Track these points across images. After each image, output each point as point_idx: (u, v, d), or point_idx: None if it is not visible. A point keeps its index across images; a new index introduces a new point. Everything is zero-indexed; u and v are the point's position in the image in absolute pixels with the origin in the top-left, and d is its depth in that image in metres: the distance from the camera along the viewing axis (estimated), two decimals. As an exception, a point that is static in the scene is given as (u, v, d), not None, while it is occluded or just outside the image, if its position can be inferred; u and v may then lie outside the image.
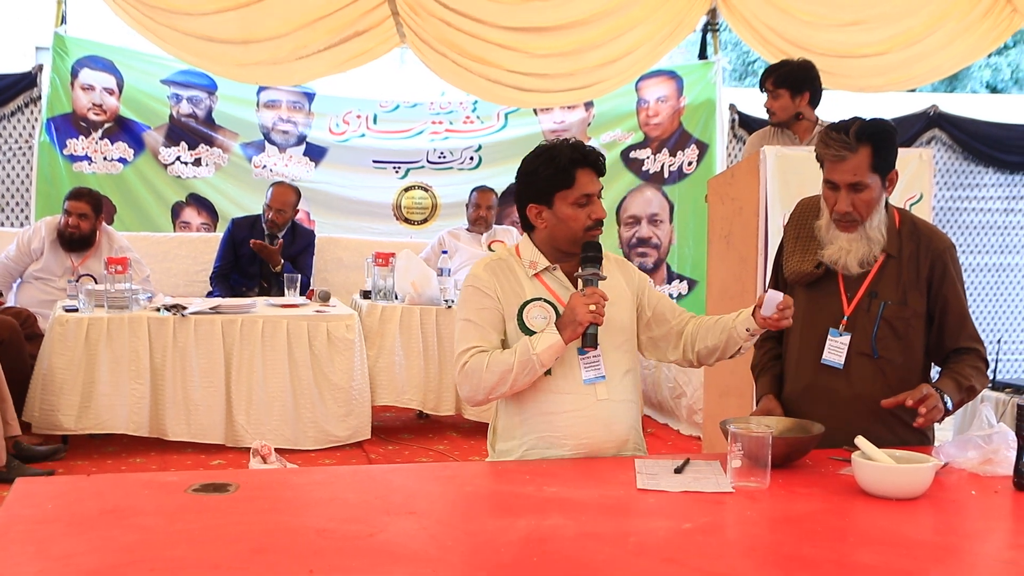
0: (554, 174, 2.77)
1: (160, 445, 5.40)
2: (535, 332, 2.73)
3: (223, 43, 7.13)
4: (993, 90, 18.98)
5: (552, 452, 2.75)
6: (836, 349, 2.88)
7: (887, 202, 2.90)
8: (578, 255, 2.78)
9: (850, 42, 7.61)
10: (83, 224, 6.05)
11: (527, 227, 2.90)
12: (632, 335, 2.90)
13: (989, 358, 3.00)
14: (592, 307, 2.64)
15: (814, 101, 4.88)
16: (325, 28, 7.19)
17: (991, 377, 5.61)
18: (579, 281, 2.75)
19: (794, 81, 4.84)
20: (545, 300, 2.78)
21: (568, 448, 2.74)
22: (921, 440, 2.91)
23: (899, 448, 2.50)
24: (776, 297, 2.68)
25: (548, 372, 2.74)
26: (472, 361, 2.74)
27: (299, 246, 6.78)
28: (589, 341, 2.68)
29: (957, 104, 9.11)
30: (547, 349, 2.67)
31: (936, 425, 2.86)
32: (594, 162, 2.80)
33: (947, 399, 2.76)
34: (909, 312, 2.88)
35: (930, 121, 8.05)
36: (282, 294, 6.20)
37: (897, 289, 2.88)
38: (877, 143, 2.77)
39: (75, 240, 6.06)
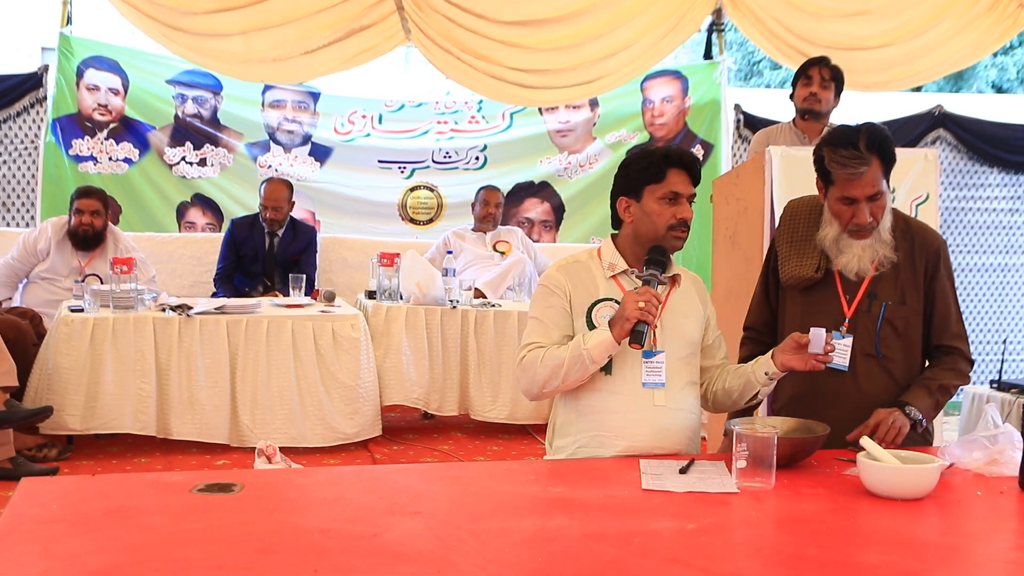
0: (646, 167, 2.81)
1: (165, 445, 5.41)
2: None
3: (226, 38, 7.13)
4: (999, 90, 18.94)
5: (602, 452, 2.76)
6: (840, 352, 2.89)
7: None
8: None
9: (854, 34, 7.61)
10: (96, 221, 6.05)
11: (615, 224, 2.92)
12: (698, 350, 2.92)
13: (994, 358, 3.00)
14: (641, 304, 2.64)
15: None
16: (329, 21, 7.19)
17: (997, 377, 5.62)
18: (641, 282, 2.77)
19: (840, 82, 4.89)
20: (616, 301, 2.79)
21: (619, 449, 2.75)
22: (925, 439, 2.92)
23: (907, 448, 2.50)
24: (822, 334, 2.66)
25: (608, 371, 2.76)
26: (529, 355, 2.78)
27: (300, 244, 6.78)
28: (636, 339, 2.66)
29: (962, 104, 9.09)
30: (597, 344, 2.68)
31: (943, 424, 2.87)
32: (689, 165, 2.81)
33: (911, 411, 2.79)
34: (908, 311, 2.90)
35: (935, 121, 8.04)
36: (287, 294, 6.21)
37: (896, 289, 2.90)
38: (883, 150, 2.79)
39: (89, 238, 6.05)
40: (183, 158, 7.56)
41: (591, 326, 2.78)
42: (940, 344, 2.95)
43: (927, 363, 2.98)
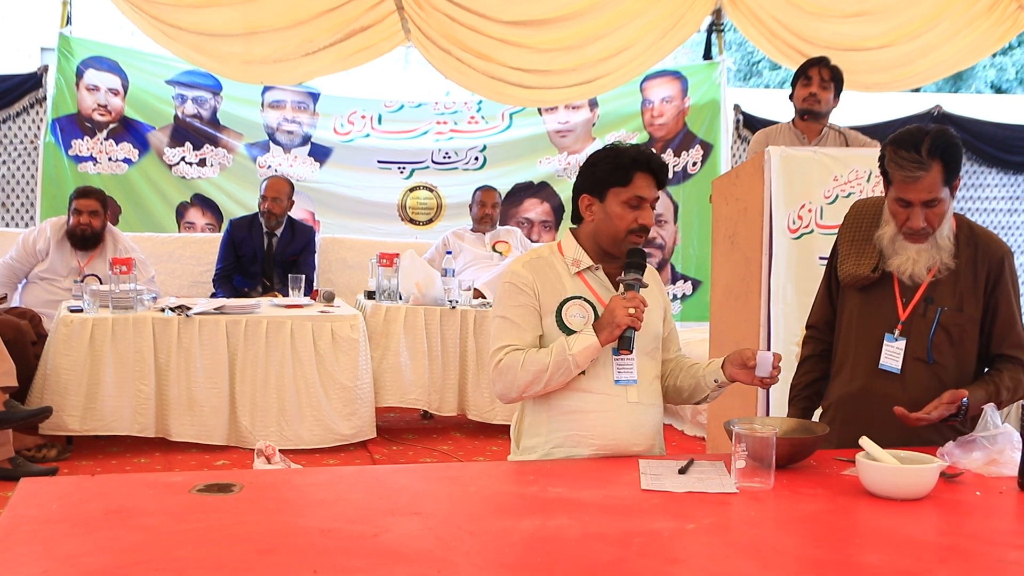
0: (614, 169, 2.79)
1: (164, 445, 5.40)
2: (573, 330, 2.73)
3: (227, 38, 7.15)
4: (998, 90, 18.94)
5: (578, 451, 2.74)
6: (893, 354, 2.87)
7: None
8: (619, 258, 2.80)
9: (854, 34, 7.63)
10: (94, 221, 6.05)
11: (576, 219, 2.91)
12: (660, 344, 2.92)
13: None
14: (631, 311, 2.65)
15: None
16: (329, 23, 7.21)
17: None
18: (620, 285, 2.76)
19: (839, 82, 4.89)
20: (585, 299, 2.78)
21: (594, 448, 2.74)
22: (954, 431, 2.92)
23: (905, 448, 2.50)
24: (769, 358, 2.68)
25: (582, 371, 2.74)
26: (507, 359, 2.74)
27: (299, 244, 6.79)
28: (625, 344, 2.67)
29: (961, 104, 9.11)
30: (583, 350, 2.67)
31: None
32: (656, 170, 2.79)
33: (963, 410, 2.76)
34: (965, 318, 2.87)
35: (934, 121, 8.04)
36: (286, 294, 6.21)
37: (954, 295, 2.86)
38: (947, 157, 2.74)
39: (87, 238, 6.05)
40: (183, 158, 7.56)
41: (561, 325, 2.75)
42: (1002, 353, 2.91)
43: (986, 371, 2.93)
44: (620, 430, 2.75)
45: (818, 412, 3.11)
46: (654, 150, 7.94)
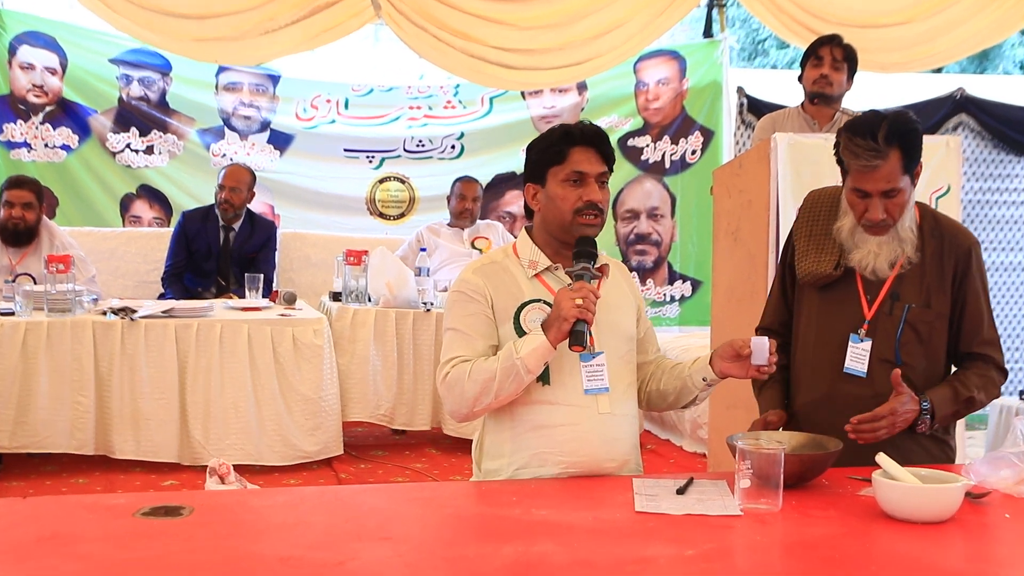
0: (546, 148, 2.80)
1: (106, 464, 5.38)
2: None
3: (179, 17, 7.10)
4: (1026, 72, 19.05)
5: (545, 471, 2.72)
6: (858, 356, 2.90)
7: None
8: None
9: (869, 10, 7.65)
10: (28, 215, 6.01)
11: (528, 214, 2.91)
12: (634, 346, 2.90)
13: (1019, 366, 3.00)
14: (579, 300, 2.60)
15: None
16: (292, -2, 7.18)
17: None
18: (571, 277, 2.73)
19: (853, 63, 4.91)
20: (545, 302, 2.76)
21: (563, 467, 2.71)
22: (946, 453, 2.93)
23: (927, 466, 2.50)
24: (764, 343, 2.66)
25: (546, 381, 2.72)
26: (453, 372, 2.72)
27: (258, 240, 6.77)
28: (577, 340, 2.61)
29: (986, 86, 9.11)
30: (532, 352, 2.63)
31: (967, 440, 2.87)
32: (593, 140, 2.78)
33: (924, 417, 2.79)
34: (933, 315, 2.91)
35: (956, 105, 8.07)
36: (242, 295, 6.19)
37: (921, 290, 2.90)
38: (906, 144, 2.78)
39: (20, 233, 6.02)
40: (128, 145, 7.53)
41: (520, 332, 2.73)
42: (971, 351, 2.95)
43: (953, 371, 2.98)
44: (591, 446, 2.72)
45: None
46: (649, 137, 8.06)
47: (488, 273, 2.81)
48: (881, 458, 2.44)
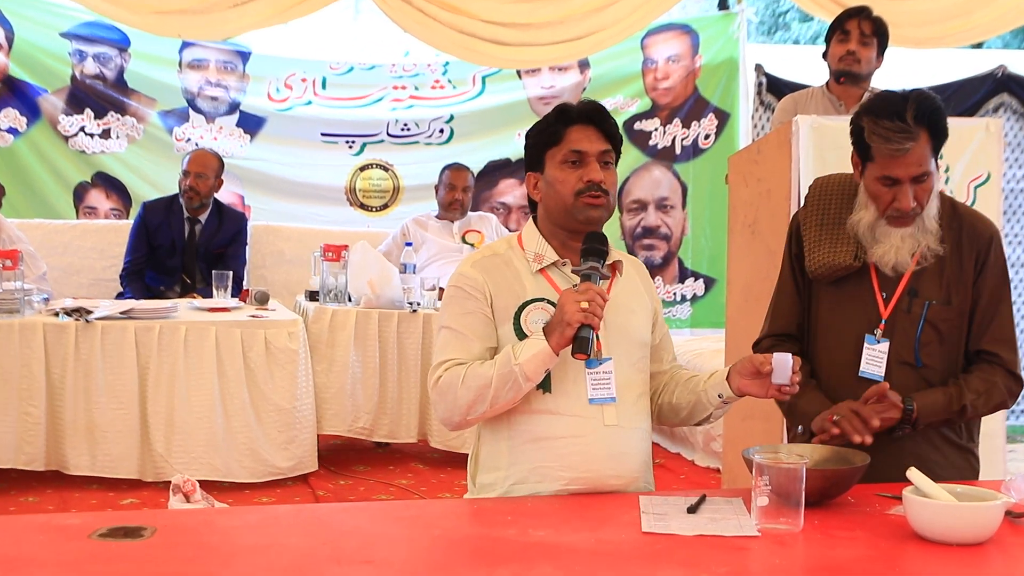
0: (542, 130, 2.83)
1: (58, 480, 5.38)
2: None
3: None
4: (1074, 48, 19.09)
5: (544, 487, 2.72)
6: (875, 359, 2.91)
7: None
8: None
9: (901, -21, 7.67)
10: None
11: (532, 208, 2.92)
12: (648, 353, 2.90)
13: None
14: (584, 304, 2.60)
15: None
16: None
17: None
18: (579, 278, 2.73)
19: (883, 37, 4.92)
20: (549, 302, 2.75)
21: (564, 482, 2.71)
22: (970, 463, 2.95)
23: (959, 482, 2.51)
24: (787, 361, 2.64)
25: (547, 389, 2.72)
26: (446, 376, 2.72)
27: (228, 233, 6.78)
28: (581, 347, 2.60)
29: (1031, 64, 9.14)
30: (531, 359, 2.64)
31: (1007, 453, 2.88)
32: (593, 117, 2.80)
33: (903, 426, 2.83)
34: (954, 312, 2.93)
35: (997, 84, 8.08)
36: (210, 294, 6.19)
37: (941, 286, 2.92)
38: (933, 124, 2.80)
39: None
40: (82, 128, 7.53)
41: (520, 334, 2.74)
42: (979, 349, 2.96)
43: (965, 367, 2.99)
44: (595, 460, 2.72)
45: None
46: (657, 120, 8.07)
47: (488, 267, 2.82)
48: (912, 473, 2.44)
